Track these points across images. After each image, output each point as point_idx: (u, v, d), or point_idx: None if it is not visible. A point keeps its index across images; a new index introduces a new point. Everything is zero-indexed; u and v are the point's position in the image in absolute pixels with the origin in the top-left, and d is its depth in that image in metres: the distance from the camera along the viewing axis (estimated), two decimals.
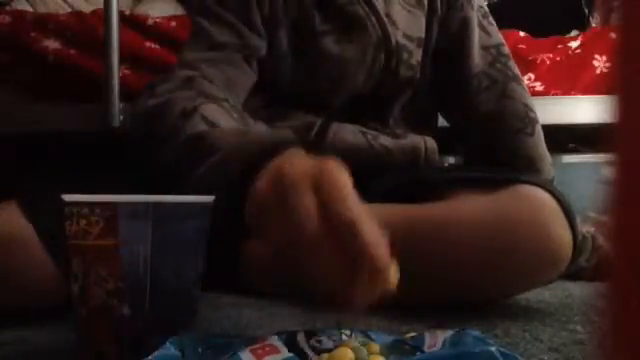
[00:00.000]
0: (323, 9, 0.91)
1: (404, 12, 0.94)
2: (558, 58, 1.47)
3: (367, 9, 0.91)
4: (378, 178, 0.86)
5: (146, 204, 0.47)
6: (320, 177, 0.41)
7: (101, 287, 0.47)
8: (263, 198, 0.43)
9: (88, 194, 0.48)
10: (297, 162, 0.43)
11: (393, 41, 0.91)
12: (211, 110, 0.69)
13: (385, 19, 0.91)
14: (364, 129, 0.91)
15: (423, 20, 0.95)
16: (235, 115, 0.73)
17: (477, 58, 0.96)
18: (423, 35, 0.95)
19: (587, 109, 1.38)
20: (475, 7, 0.98)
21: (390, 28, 0.91)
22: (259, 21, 0.88)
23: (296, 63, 0.91)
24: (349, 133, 0.90)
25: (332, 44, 0.90)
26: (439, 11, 0.96)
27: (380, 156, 0.90)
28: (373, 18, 0.91)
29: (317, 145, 0.88)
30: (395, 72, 0.92)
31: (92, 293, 0.48)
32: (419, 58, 0.94)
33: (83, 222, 0.48)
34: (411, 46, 0.92)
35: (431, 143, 0.93)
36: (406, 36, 0.93)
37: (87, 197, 0.48)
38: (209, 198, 0.52)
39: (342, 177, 0.41)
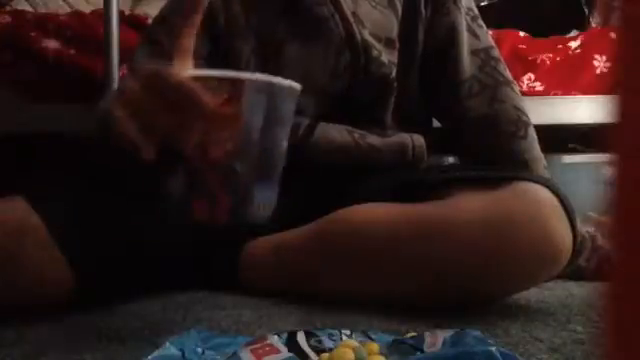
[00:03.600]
0: (289, 14, 0.91)
1: (374, 11, 0.93)
2: (558, 58, 1.46)
3: (332, 9, 0.90)
4: (377, 178, 0.86)
5: (268, 82, 0.55)
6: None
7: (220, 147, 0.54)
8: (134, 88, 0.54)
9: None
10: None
11: (358, 39, 0.90)
12: None
13: (351, 18, 0.91)
14: (351, 129, 0.91)
15: (394, 21, 0.94)
16: None
17: (466, 63, 0.95)
18: (394, 36, 0.93)
19: (587, 109, 1.38)
20: (463, 11, 0.97)
21: (356, 26, 0.90)
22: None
23: (260, 69, 0.92)
24: (336, 132, 0.90)
25: (295, 50, 0.90)
26: (423, 14, 0.95)
27: (367, 153, 0.90)
28: (337, 16, 0.90)
29: (303, 144, 0.89)
30: (366, 70, 0.91)
31: (211, 151, 0.54)
32: (392, 58, 0.93)
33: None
34: (378, 45, 0.92)
35: (418, 140, 0.93)
36: (373, 35, 0.92)
37: (214, 72, 0.54)
38: (298, 85, 0.58)
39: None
